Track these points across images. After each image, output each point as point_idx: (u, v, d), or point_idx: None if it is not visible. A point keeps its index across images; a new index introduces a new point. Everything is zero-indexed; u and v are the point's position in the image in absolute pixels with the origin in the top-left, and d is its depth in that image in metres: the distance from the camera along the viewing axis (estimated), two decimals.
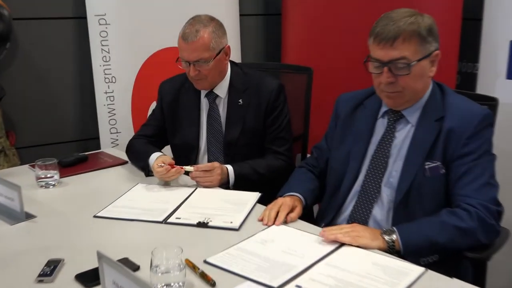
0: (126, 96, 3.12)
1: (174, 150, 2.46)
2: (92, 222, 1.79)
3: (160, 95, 2.41)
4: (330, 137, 1.97)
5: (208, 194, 2.01)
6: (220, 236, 1.66)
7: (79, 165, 2.37)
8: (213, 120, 2.28)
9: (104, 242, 1.64)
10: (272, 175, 2.22)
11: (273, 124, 2.26)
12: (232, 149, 2.26)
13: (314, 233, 1.63)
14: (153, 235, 1.69)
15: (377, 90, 1.75)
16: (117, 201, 1.95)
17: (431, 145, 1.68)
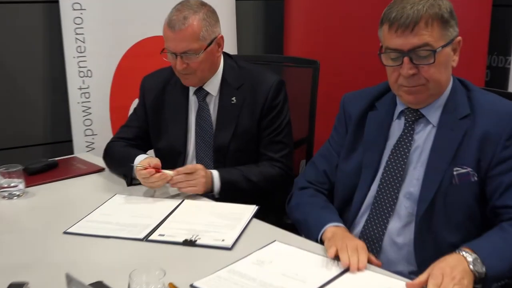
0: (104, 93, 3.13)
1: (158, 155, 2.44)
2: (62, 239, 1.79)
3: (142, 92, 2.41)
4: (337, 143, 1.96)
5: (196, 207, 2.00)
6: (210, 256, 1.65)
7: (48, 173, 2.37)
8: (203, 121, 2.28)
9: (75, 262, 1.63)
10: (267, 185, 2.22)
11: (269, 126, 2.27)
12: (223, 155, 2.27)
13: (319, 253, 1.63)
14: (132, 254, 1.68)
15: (394, 86, 1.75)
16: (91, 215, 1.95)
17: (458, 147, 1.68)
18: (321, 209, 1.85)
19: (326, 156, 1.98)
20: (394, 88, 1.75)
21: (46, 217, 1.96)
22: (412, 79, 1.67)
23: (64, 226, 1.85)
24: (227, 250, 1.68)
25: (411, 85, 1.69)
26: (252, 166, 2.25)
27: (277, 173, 2.25)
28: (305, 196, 1.94)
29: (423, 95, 1.71)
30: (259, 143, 2.29)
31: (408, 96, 1.72)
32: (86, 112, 3.10)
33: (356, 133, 1.88)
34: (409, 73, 1.66)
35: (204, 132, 2.28)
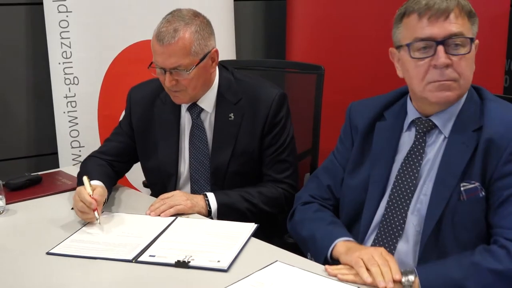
0: (92, 102, 3.14)
1: (147, 176, 2.46)
2: (44, 260, 1.78)
3: (128, 105, 2.40)
4: (342, 156, 1.96)
5: (190, 225, 2.00)
6: (205, 278, 1.65)
7: (30, 189, 2.37)
8: (198, 140, 2.27)
9: (58, 285, 1.62)
10: (270, 207, 2.22)
11: (272, 145, 2.25)
12: (221, 177, 2.25)
13: (324, 275, 1.63)
14: (121, 277, 1.67)
15: (420, 85, 1.70)
16: (77, 234, 1.95)
17: (468, 161, 1.68)
18: (328, 225, 1.84)
19: (330, 170, 1.98)
20: (420, 87, 1.71)
21: (28, 237, 1.96)
22: (446, 72, 1.66)
23: (47, 247, 1.84)
24: (223, 272, 1.67)
25: (444, 78, 1.67)
26: (252, 187, 2.24)
27: (281, 195, 2.25)
28: (309, 212, 1.93)
29: (454, 93, 1.70)
30: (261, 163, 2.28)
31: (438, 93, 1.69)
32: (72, 123, 3.11)
33: (363, 146, 1.88)
34: (445, 63, 1.65)
35: (199, 153, 2.27)
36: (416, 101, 1.79)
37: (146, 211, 2.09)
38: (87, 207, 1.96)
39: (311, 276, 1.63)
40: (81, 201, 1.97)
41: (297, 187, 2.28)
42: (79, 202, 1.98)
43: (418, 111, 1.79)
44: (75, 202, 2.00)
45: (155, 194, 2.33)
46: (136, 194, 2.38)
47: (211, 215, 2.13)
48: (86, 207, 1.96)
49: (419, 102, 1.78)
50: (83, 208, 1.97)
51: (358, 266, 1.59)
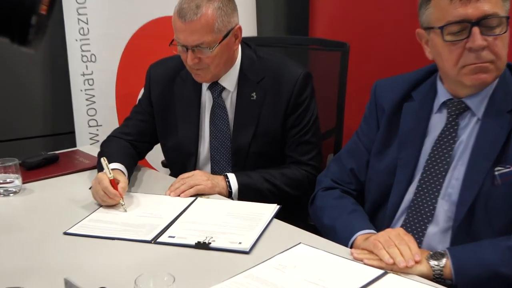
0: (109, 79, 3.14)
1: (167, 156, 2.46)
2: (62, 240, 1.79)
3: (147, 83, 2.39)
4: (366, 137, 1.94)
5: (211, 206, 2.00)
6: (225, 260, 1.65)
7: (47, 168, 2.38)
8: (219, 119, 2.27)
9: (75, 266, 1.63)
10: (293, 189, 2.22)
11: (295, 126, 2.25)
12: (242, 158, 2.25)
13: (349, 257, 1.62)
14: (139, 258, 1.68)
15: (454, 69, 1.67)
16: (94, 214, 1.96)
17: (503, 144, 1.65)
18: (349, 214, 1.83)
19: (354, 152, 1.97)
20: (454, 71, 1.68)
21: (44, 216, 1.97)
22: (482, 54, 1.63)
23: (65, 227, 1.85)
24: (244, 253, 1.67)
25: (480, 61, 1.64)
26: (274, 168, 2.24)
27: (305, 177, 2.24)
28: (330, 198, 1.93)
29: (491, 76, 1.66)
30: (284, 144, 2.27)
31: (474, 76, 1.66)
32: (89, 101, 3.12)
33: (390, 127, 1.86)
34: (482, 45, 1.61)
35: (219, 132, 2.27)
36: (448, 83, 1.76)
37: (165, 191, 2.10)
38: (110, 197, 1.96)
39: (336, 259, 1.62)
40: (103, 191, 1.96)
41: (320, 169, 2.26)
42: (100, 191, 1.97)
43: (449, 93, 1.76)
44: (96, 190, 2.00)
45: (174, 174, 2.33)
46: (155, 174, 2.39)
47: (232, 196, 2.14)
48: (108, 198, 1.96)
49: (452, 84, 1.75)
50: (104, 198, 1.97)
51: (377, 249, 1.58)
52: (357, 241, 1.70)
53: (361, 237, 1.70)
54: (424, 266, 1.55)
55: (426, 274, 1.54)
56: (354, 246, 1.70)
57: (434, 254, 1.58)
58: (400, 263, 1.53)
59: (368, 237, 1.68)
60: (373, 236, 1.64)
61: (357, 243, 1.70)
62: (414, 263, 1.53)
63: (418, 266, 1.54)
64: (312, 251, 1.67)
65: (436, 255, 1.57)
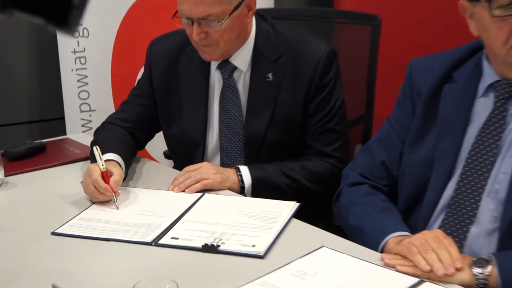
0: (104, 58, 3.15)
1: (170, 145, 2.47)
2: (49, 241, 1.79)
3: (148, 61, 2.40)
4: (400, 124, 1.94)
5: (220, 203, 2.01)
6: (237, 265, 1.65)
7: (33, 158, 2.39)
8: (229, 104, 2.27)
9: (64, 271, 1.63)
10: (315, 185, 2.22)
11: (318, 111, 2.24)
12: (256, 148, 2.25)
13: (379, 263, 1.62)
14: (137, 262, 1.68)
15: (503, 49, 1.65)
16: (86, 211, 1.96)
17: None
18: (379, 213, 1.83)
19: (385, 142, 1.97)
20: (504, 50, 1.67)
21: (29, 214, 1.97)
22: None
23: (53, 226, 1.85)
24: (258, 258, 1.67)
25: None
26: (294, 160, 2.24)
27: (328, 171, 2.24)
28: (357, 195, 1.93)
29: None
30: (305, 132, 2.28)
31: None
32: (81, 82, 3.13)
33: (427, 113, 1.86)
34: None
35: (230, 118, 2.28)
36: (496, 63, 1.75)
37: (168, 186, 2.10)
38: (100, 192, 1.97)
39: (364, 265, 1.62)
40: (93, 185, 1.97)
41: (346, 161, 2.26)
42: (90, 186, 1.98)
43: (497, 73, 1.75)
44: (86, 184, 2.01)
45: (178, 166, 2.34)
46: (156, 166, 2.40)
47: (245, 192, 2.14)
48: (98, 193, 1.97)
49: (500, 65, 1.73)
50: (94, 193, 1.98)
51: (412, 254, 1.57)
52: (388, 244, 1.70)
53: (393, 240, 1.70)
54: (466, 274, 1.54)
55: (468, 283, 1.53)
56: (385, 250, 1.69)
57: (477, 261, 1.56)
58: (439, 270, 1.52)
59: (401, 240, 1.67)
60: (407, 239, 1.64)
61: (388, 246, 1.69)
62: (455, 270, 1.52)
63: (459, 274, 1.53)
64: (336, 255, 1.66)
65: (480, 261, 1.56)
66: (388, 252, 1.68)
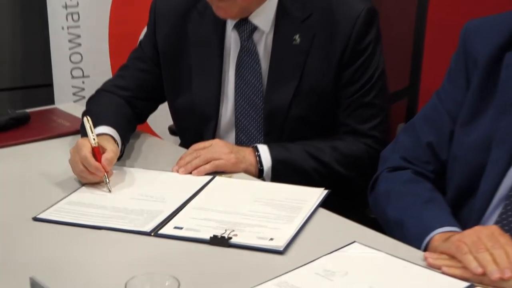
0: (101, 13, 3.15)
1: (176, 119, 2.49)
2: (30, 228, 1.80)
3: (152, 19, 2.41)
4: (451, 99, 1.94)
5: (233, 188, 2.02)
6: (251, 262, 1.65)
7: (14, 131, 2.41)
8: (248, 71, 2.28)
9: (47, 262, 1.63)
10: (348, 169, 2.23)
11: (354, 82, 2.25)
12: (278, 124, 2.27)
13: (421, 263, 1.61)
14: (132, 255, 1.68)
15: None
16: (74, 194, 1.97)
17: None
18: (424, 204, 1.85)
19: (433, 120, 1.98)
20: None
21: (8, 195, 1.99)
22: None
23: (35, 210, 1.86)
24: (277, 254, 1.67)
25: None
26: (323, 140, 2.25)
27: (364, 153, 2.26)
28: (398, 182, 1.95)
29: None
30: (337, 106, 2.28)
31: None
32: (73, 43, 3.14)
33: (485, 85, 1.86)
34: None
35: (248, 88, 2.29)
36: None
37: (172, 167, 2.11)
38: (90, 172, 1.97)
39: (404, 266, 1.61)
40: (82, 163, 1.97)
41: (386, 141, 2.26)
42: (79, 164, 1.98)
43: None
44: (74, 162, 2.01)
45: (185, 143, 2.35)
46: (159, 143, 2.43)
47: (263, 176, 2.15)
48: (88, 173, 1.97)
49: None
50: (83, 173, 1.99)
51: (462, 254, 1.57)
52: (434, 241, 1.69)
53: (439, 237, 1.69)
54: None
55: None
56: (430, 248, 1.69)
57: None
58: (493, 273, 1.51)
59: (449, 236, 1.66)
60: (456, 236, 1.63)
61: (433, 244, 1.69)
62: (511, 274, 1.51)
63: None
64: (370, 253, 1.66)
65: None
66: (433, 250, 1.67)
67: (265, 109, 2.27)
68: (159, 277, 1.31)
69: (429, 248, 1.69)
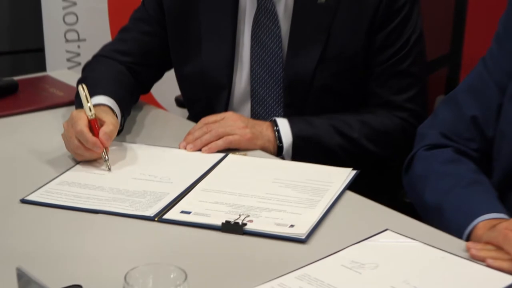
0: None
1: (184, 88, 2.50)
2: (17, 211, 1.81)
3: None
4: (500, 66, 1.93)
5: (249, 167, 2.02)
6: (268, 251, 1.65)
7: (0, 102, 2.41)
8: (265, 34, 2.29)
9: (35, 251, 1.63)
10: (379, 147, 2.24)
11: (387, 46, 2.26)
12: (300, 95, 2.28)
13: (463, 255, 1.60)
14: (133, 243, 1.69)
15: None
16: (68, 173, 1.98)
17: None
18: (467, 188, 1.85)
19: (477, 91, 1.98)
20: None
21: None
22: None
23: (23, 191, 1.87)
24: (299, 242, 1.67)
25: None
26: (351, 113, 2.26)
27: (398, 128, 2.26)
28: (437, 162, 1.95)
29: None
30: (368, 75, 2.28)
31: None
32: (67, 2, 3.14)
33: None
34: None
35: (266, 54, 2.30)
36: None
37: (179, 143, 2.12)
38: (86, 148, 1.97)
39: (443, 257, 1.61)
40: (77, 138, 1.97)
41: (423, 115, 2.28)
42: (73, 139, 1.98)
43: None
44: (68, 138, 2.01)
45: (194, 116, 2.37)
46: (164, 116, 2.44)
47: (283, 154, 2.16)
48: (84, 149, 1.97)
49: None
50: (78, 149, 1.98)
51: (509, 244, 1.56)
52: (477, 229, 1.69)
53: (484, 224, 1.69)
54: None
55: None
56: (473, 237, 1.69)
57: None
58: None
59: (495, 224, 1.66)
60: (503, 224, 1.62)
61: (477, 233, 1.68)
62: None
63: None
64: (405, 242, 1.66)
65: None
66: (476, 240, 1.67)
67: (285, 77, 2.27)
68: (163, 269, 1.30)
69: (472, 237, 1.69)
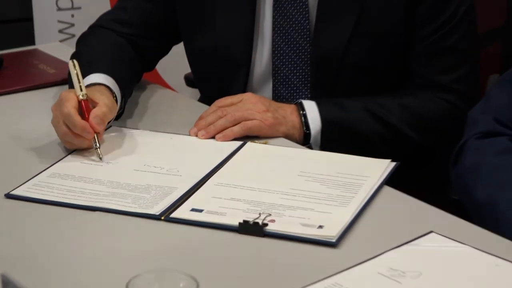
0: None
1: (195, 66, 2.52)
2: (1, 207, 1.82)
3: None
4: None
5: (270, 157, 2.03)
6: (293, 256, 1.66)
7: None
8: (290, 5, 2.29)
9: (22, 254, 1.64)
10: (422, 137, 2.24)
11: (430, 20, 2.29)
12: (331, 74, 2.29)
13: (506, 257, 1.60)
14: (137, 247, 1.70)
15: None
16: (59, 165, 2.00)
17: None
18: None
19: None
20: None
21: None
22: None
23: (8, 185, 1.88)
24: (328, 246, 1.67)
25: None
26: (388, 95, 2.28)
27: (444, 113, 2.27)
28: (491, 152, 1.98)
29: None
30: (409, 52, 2.30)
31: None
32: None
33: None
34: None
35: (291, 26, 2.31)
36: None
37: (190, 129, 2.12)
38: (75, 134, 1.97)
39: (497, 264, 1.60)
40: (65, 122, 1.98)
41: (474, 98, 2.28)
42: (61, 124, 1.99)
43: None
44: (56, 123, 2.02)
45: (207, 98, 2.38)
46: (172, 98, 2.46)
47: (310, 142, 2.17)
48: (74, 136, 1.98)
49: None
50: (66, 136, 1.99)
51: None
52: None
53: None
54: None
55: None
56: None
57: None
58: None
59: None
60: None
61: None
62: None
63: None
64: (452, 247, 1.66)
65: None
66: None
67: (312, 53, 2.28)
68: (171, 276, 1.32)
69: None
